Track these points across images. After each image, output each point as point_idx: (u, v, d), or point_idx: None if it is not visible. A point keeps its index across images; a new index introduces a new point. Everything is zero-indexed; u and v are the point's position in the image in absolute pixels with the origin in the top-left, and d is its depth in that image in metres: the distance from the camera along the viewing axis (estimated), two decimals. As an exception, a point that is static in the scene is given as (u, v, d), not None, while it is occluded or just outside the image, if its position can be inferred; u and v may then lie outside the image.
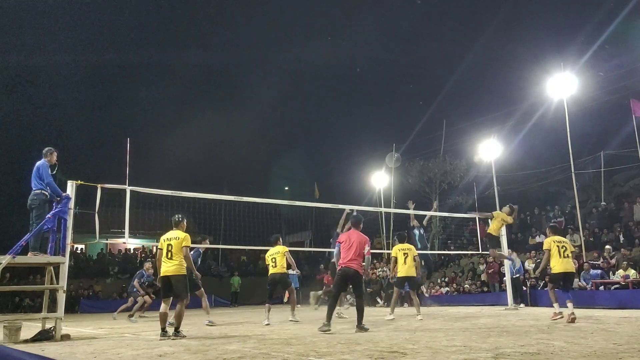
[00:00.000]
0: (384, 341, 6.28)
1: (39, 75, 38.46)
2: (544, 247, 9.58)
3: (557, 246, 9.25)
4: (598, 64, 21.60)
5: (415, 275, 10.90)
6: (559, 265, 9.17)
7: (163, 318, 7.63)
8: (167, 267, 7.53)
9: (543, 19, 36.23)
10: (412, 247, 11.08)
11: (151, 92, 48.43)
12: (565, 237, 10.11)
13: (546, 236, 9.90)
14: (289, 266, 10.73)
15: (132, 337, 8.09)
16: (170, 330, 7.61)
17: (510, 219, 12.39)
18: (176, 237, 7.66)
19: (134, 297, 13.72)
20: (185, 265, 7.61)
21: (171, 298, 7.61)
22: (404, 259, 10.66)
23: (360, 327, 7.75)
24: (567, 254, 9.26)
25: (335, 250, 8.51)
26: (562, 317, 8.77)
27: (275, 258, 10.48)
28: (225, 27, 48.59)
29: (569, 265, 9.26)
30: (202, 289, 10.78)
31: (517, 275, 14.95)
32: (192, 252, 12.82)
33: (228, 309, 21.30)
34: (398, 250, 10.86)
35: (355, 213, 9.62)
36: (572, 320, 8.31)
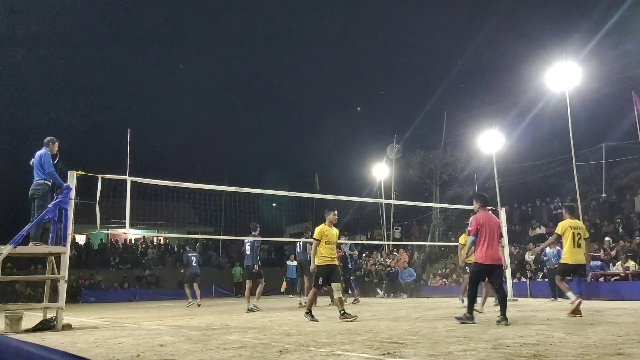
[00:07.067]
0: (383, 332, 6.30)
1: (40, 64, 38.38)
2: (557, 231, 8.53)
3: (573, 233, 8.25)
4: (601, 54, 21.49)
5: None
6: (570, 256, 8.30)
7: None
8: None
9: (545, 9, 36.03)
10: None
11: (152, 82, 48.35)
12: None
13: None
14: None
15: (133, 327, 8.12)
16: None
17: None
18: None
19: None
20: (319, 256, 8.22)
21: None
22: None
23: (504, 318, 6.95)
24: (580, 243, 8.30)
25: (469, 240, 7.40)
26: (580, 303, 7.89)
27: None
28: (226, 19, 48.36)
29: (580, 256, 8.32)
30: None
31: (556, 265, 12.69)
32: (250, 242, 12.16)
33: (230, 299, 21.36)
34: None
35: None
36: (574, 313, 7.76)
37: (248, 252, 12.08)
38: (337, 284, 8.25)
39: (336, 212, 8.56)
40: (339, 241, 13.87)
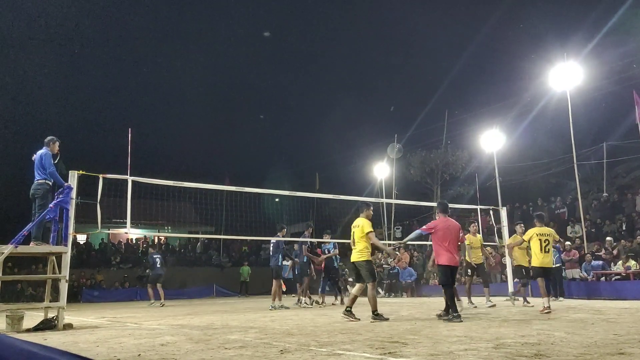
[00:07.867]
0: (385, 331, 6.30)
1: (40, 64, 38.39)
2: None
3: (540, 239, 9.10)
4: (602, 53, 21.47)
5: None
6: (537, 259, 9.09)
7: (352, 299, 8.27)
8: (353, 254, 8.16)
9: (546, 8, 36.00)
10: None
11: (153, 82, 48.36)
12: (550, 227, 9.74)
13: (547, 226, 9.77)
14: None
15: (134, 327, 8.12)
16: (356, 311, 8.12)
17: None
18: (357, 224, 8.19)
19: None
20: (369, 251, 8.08)
21: (362, 282, 8.09)
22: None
23: (446, 313, 7.74)
24: (548, 248, 9.07)
25: (415, 232, 8.30)
26: (549, 312, 8.48)
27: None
28: (226, 19, 48.36)
29: (548, 260, 9.13)
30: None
31: (557, 264, 13.05)
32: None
33: (232, 299, 21.34)
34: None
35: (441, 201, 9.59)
36: (546, 311, 8.45)
37: (272, 253, 12.26)
38: (361, 284, 8.27)
39: (372, 208, 8.65)
40: (321, 240, 13.86)
